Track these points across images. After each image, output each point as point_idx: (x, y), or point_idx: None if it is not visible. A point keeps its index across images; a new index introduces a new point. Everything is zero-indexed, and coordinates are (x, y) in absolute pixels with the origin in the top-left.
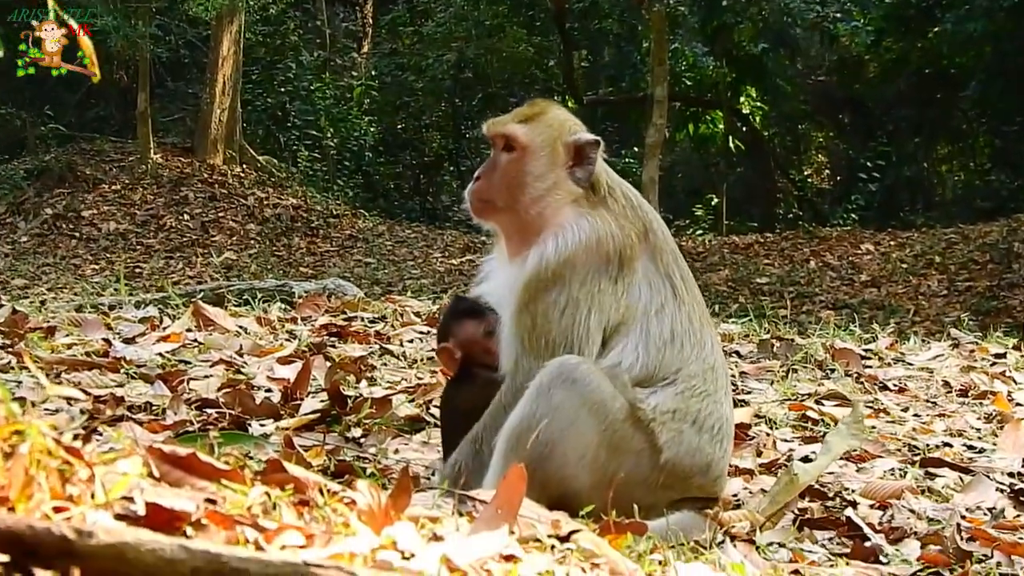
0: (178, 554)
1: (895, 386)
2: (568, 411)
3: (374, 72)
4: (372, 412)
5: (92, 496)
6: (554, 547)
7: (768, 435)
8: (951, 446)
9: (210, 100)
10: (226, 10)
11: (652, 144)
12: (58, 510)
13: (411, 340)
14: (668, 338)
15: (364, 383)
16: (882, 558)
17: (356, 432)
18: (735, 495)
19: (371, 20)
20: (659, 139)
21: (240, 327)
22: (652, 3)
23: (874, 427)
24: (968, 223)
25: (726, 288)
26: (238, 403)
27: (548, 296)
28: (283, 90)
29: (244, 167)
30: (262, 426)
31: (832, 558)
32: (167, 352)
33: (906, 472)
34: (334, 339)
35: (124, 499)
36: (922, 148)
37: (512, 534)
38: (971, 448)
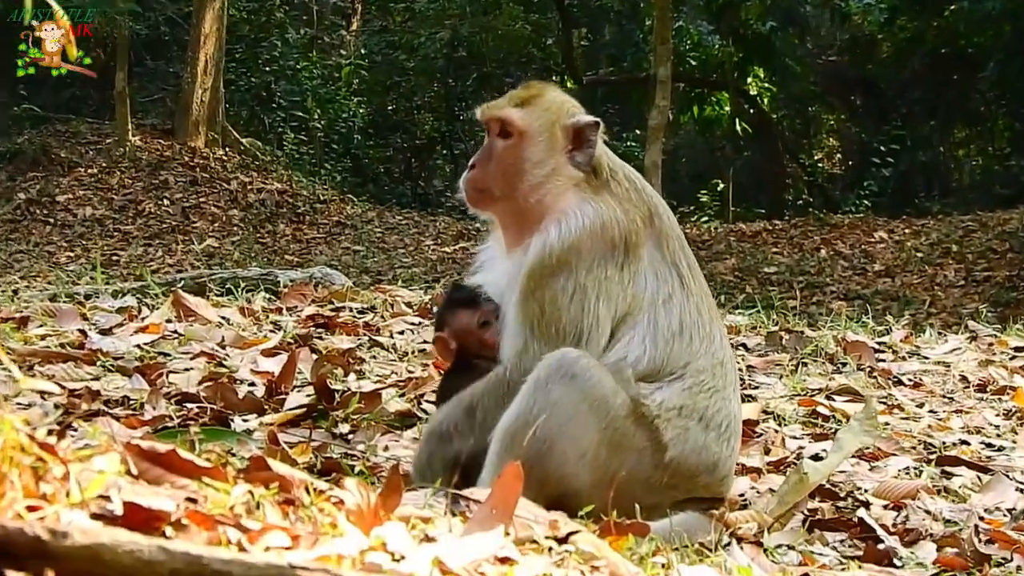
0: (157, 556)
1: (910, 381)
2: (567, 407)
3: (363, 50)
4: (361, 407)
5: (67, 495)
6: (552, 549)
7: (776, 432)
8: (968, 444)
9: (191, 80)
10: None
11: (655, 127)
12: (31, 509)
13: (401, 331)
14: (677, 330)
15: (352, 376)
16: (896, 561)
17: (344, 428)
18: (742, 495)
19: None
20: (662, 122)
21: (222, 318)
22: None
23: (888, 424)
24: (986, 210)
25: (732, 278)
26: (220, 397)
27: (555, 283)
28: (268, 69)
29: (227, 150)
30: (245, 421)
31: (844, 561)
32: (145, 344)
33: (921, 471)
34: (321, 330)
35: (100, 498)
36: (938, 132)
37: (508, 535)
38: (989, 446)
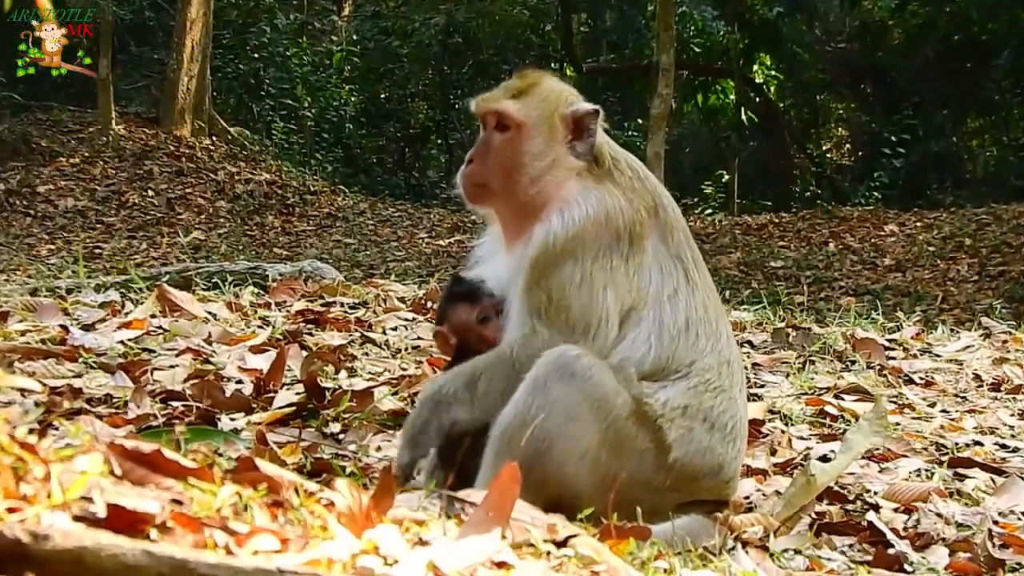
0: (141, 559)
1: (921, 379)
2: (567, 407)
3: (355, 36)
4: (352, 406)
5: (48, 496)
6: (550, 553)
7: (783, 432)
8: (982, 445)
9: (177, 66)
10: None
11: (657, 116)
12: (11, 511)
13: (394, 327)
14: (683, 327)
15: (343, 374)
16: (907, 567)
17: (335, 427)
18: (747, 497)
19: None
20: (665, 111)
21: (209, 313)
22: None
23: (898, 424)
24: (1001, 202)
25: (738, 272)
26: (206, 395)
27: (561, 272)
28: (257, 56)
29: (214, 139)
30: (232, 420)
31: (852, 566)
32: (129, 340)
33: (933, 473)
34: (311, 326)
35: (83, 499)
36: (951, 121)
37: (504, 538)
38: (1004, 447)
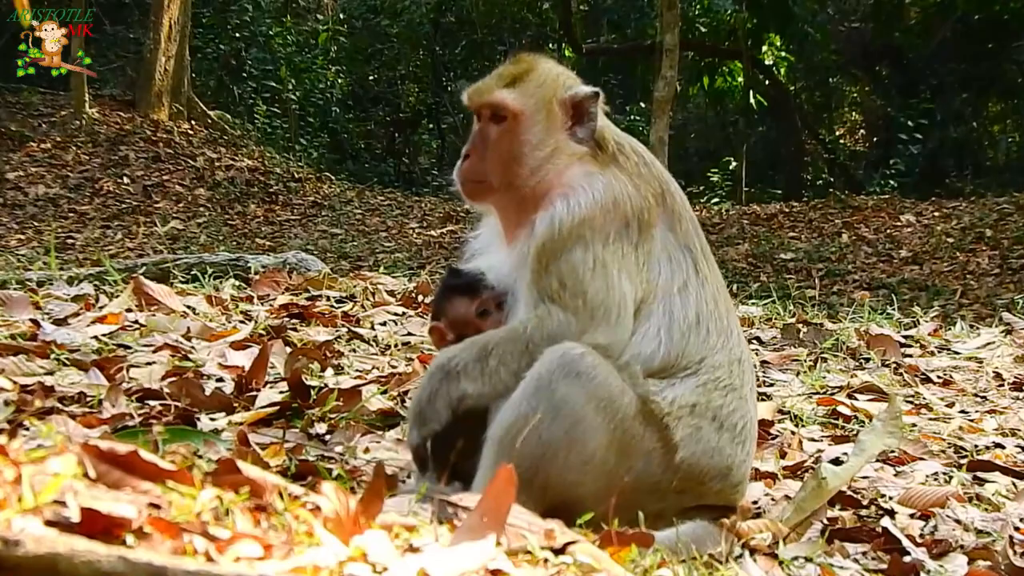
0: (117, 566)
1: (939, 378)
2: (572, 408)
3: (342, 15)
4: (339, 405)
5: (19, 500)
6: (547, 560)
7: (793, 434)
8: (1003, 447)
9: (154, 47)
10: None
11: (661, 99)
12: None
13: (383, 323)
14: (693, 322)
15: (330, 372)
16: (923, 575)
17: (321, 428)
18: (755, 502)
19: None
20: (669, 94)
21: (187, 307)
22: None
23: (914, 425)
24: (1023, 191)
25: (746, 264)
26: (185, 394)
27: (571, 255)
28: (238, 35)
29: (193, 123)
30: (213, 420)
31: (866, 574)
32: (104, 335)
33: (951, 477)
34: (295, 321)
35: (55, 503)
36: (970, 105)
37: (499, 545)
38: None
